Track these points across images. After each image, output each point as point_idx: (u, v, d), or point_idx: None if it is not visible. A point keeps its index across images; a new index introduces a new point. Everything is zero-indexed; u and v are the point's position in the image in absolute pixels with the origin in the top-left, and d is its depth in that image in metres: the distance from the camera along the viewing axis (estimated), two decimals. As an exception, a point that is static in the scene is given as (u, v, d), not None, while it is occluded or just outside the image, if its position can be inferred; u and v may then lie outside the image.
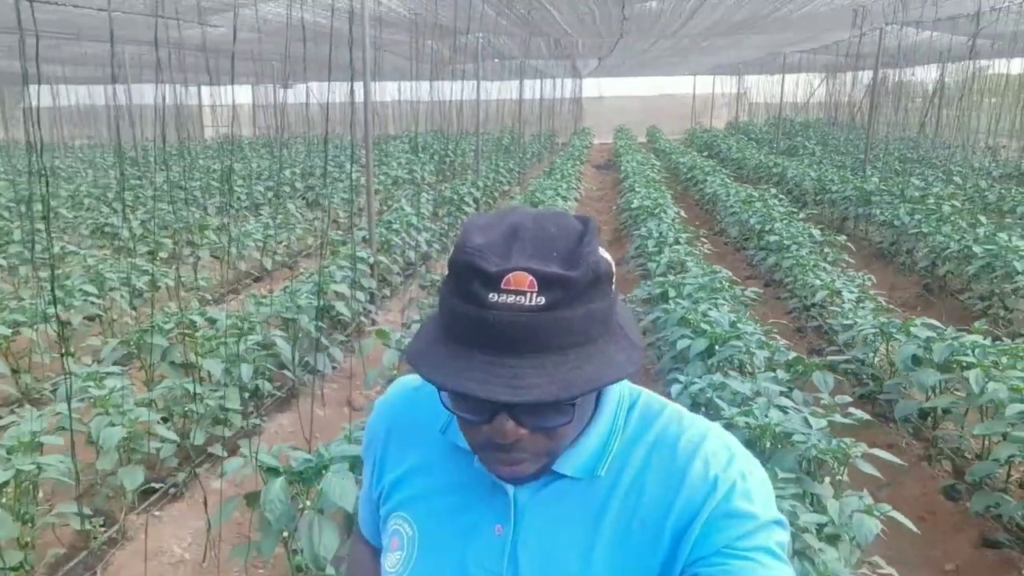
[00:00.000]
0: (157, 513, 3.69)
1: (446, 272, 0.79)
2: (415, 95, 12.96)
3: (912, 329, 4.24)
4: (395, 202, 10.00)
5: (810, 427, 2.68)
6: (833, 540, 2.31)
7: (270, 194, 10.92)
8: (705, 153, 19.82)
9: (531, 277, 0.72)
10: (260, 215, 9.52)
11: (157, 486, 3.70)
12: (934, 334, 4.05)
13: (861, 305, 5.48)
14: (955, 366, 3.79)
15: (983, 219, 7.76)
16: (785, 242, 7.22)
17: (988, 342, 3.87)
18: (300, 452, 2.62)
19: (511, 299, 0.72)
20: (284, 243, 8.32)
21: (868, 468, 2.65)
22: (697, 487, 0.83)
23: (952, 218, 7.93)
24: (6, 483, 2.65)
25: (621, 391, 0.92)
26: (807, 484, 2.51)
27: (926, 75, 18.03)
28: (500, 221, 0.78)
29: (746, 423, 2.64)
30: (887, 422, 4.68)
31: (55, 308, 2.69)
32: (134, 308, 5.80)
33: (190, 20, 7.32)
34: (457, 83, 13.45)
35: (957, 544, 3.57)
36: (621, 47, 14.60)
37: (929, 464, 4.17)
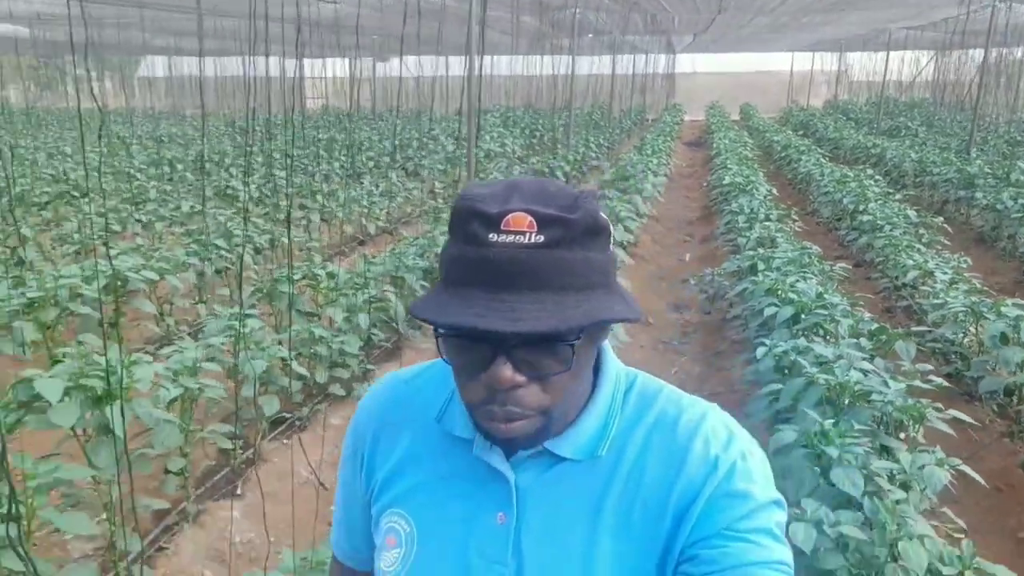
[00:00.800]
0: (286, 441, 4.18)
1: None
2: (510, 69, 13.24)
3: (1003, 308, 4.30)
4: (487, 174, 10.36)
5: (888, 387, 2.87)
6: (905, 487, 2.52)
7: (371, 163, 11.46)
8: (800, 132, 19.39)
9: (530, 217, 0.74)
10: (362, 183, 10.06)
11: (287, 416, 4.18)
12: (1023, 313, 4.11)
13: (954, 286, 5.49)
14: (1044, 345, 3.86)
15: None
16: (878, 222, 7.20)
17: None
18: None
19: (511, 238, 0.74)
20: (385, 209, 8.81)
21: (943, 427, 2.83)
22: (698, 467, 0.83)
23: (1058, 203, 7.70)
24: (175, 399, 3.14)
25: (618, 372, 0.92)
26: (881, 438, 2.72)
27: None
28: (501, 183, 0.81)
29: (825, 380, 2.86)
30: (972, 400, 4.75)
31: (206, 256, 3.14)
32: (255, 264, 6.36)
33: (310, -2, 7.81)
34: (549, 57, 13.64)
35: (1036, 515, 3.67)
36: (718, 23, 14.46)
37: (1011, 440, 4.25)
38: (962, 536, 2.67)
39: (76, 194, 8.02)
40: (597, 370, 0.90)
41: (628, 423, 0.88)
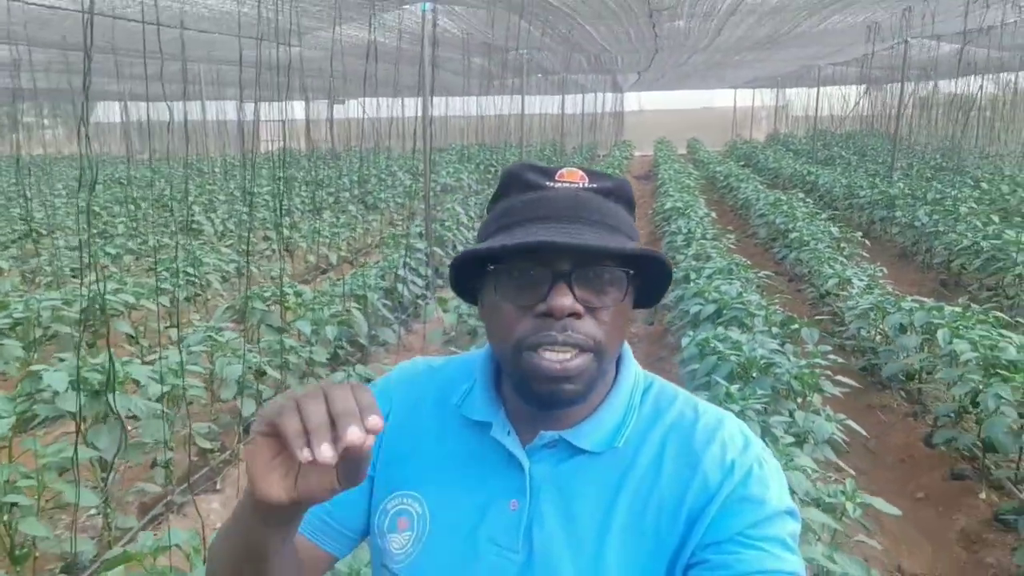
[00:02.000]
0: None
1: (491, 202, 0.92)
2: (463, 109, 13.83)
3: (902, 303, 4.87)
4: (444, 207, 10.84)
5: (788, 361, 3.36)
6: (798, 439, 2.99)
7: (331, 199, 11.86)
8: (743, 164, 20.35)
9: (581, 171, 0.85)
10: (321, 217, 10.44)
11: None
12: (918, 306, 4.68)
13: (869, 291, 6.07)
14: (934, 331, 4.41)
15: (995, 219, 8.26)
16: (805, 238, 7.82)
17: (959, 311, 4.49)
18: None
19: (566, 185, 0.84)
20: (346, 240, 9.19)
21: (834, 390, 3.32)
22: (714, 471, 0.84)
23: (967, 218, 8.44)
24: (163, 395, 3.48)
25: (636, 373, 0.94)
26: (779, 403, 3.20)
27: (966, 87, 18.35)
28: None
29: (735, 356, 3.34)
30: (884, 389, 5.29)
31: (178, 280, 3.49)
32: (222, 291, 6.69)
33: (271, 41, 8.26)
34: (501, 97, 14.26)
35: (930, 479, 4.18)
36: (658, 61, 15.31)
37: (915, 419, 4.78)
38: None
39: (43, 231, 8.25)
40: (618, 367, 0.92)
41: (646, 422, 0.90)
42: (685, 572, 0.82)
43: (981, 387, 3.61)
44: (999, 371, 3.60)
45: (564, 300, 0.79)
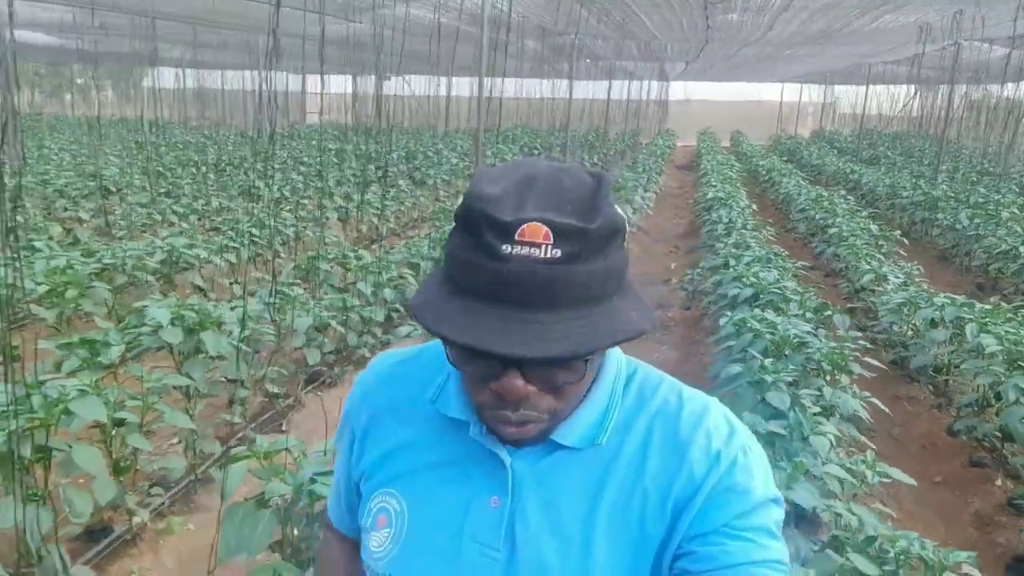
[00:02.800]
0: (319, 394, 4.87)
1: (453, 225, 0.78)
2: (513, 91, 14.06)
3: (934, 300, 5.06)
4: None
5: (820, 341, 3.60)
6: (825, 411, 3.24)
7: (379, 172, 12.22)
8: (786, 159, 20.30)
9: (546, 228, 0.71)
10: (370, 191, 10.80)
11: (322, 371, 4.88)
12: (949, 302, 4.87)
13: (903, 288, 6.24)
14: (963, 326, 4.60)
15: (1036, 223, 8.32)
16: (844, 234, 7.97)
17: (988, 308, 4.67)
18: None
19: (526, 251, 0.70)
20: (394, 213, 9.54)
21: (859, 370, 3.56)
22: (700, 461, 0.83)
23: (1008, 223, 8.50)
24: (244, 337, 3.83)
25: (619, 362, 0.91)
26: (809, 379, 3.45)
27: (1016, 91, 18.09)
28: (512, 171, 0.77)
29: (771, 333, 3.59)
30: (912, 382, 5.49)
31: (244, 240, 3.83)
32: (280, 255, 7.07)
33: (338, 16, 8.59)
34: (551, 81, 14.46)
35: (949, 465, 4.40)
36: (707, 52, 15.37)
37: (939, 411, 4.98)
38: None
39: (113, 188, 8.71)
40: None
41: (629, 413, 0.88)
42: (673, 563, 0.82)
43: (1003, 379, 3.82)
44: (1021, 364, 3.80)
45: (515, 384, 0.76)
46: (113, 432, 3.04)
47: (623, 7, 9.34)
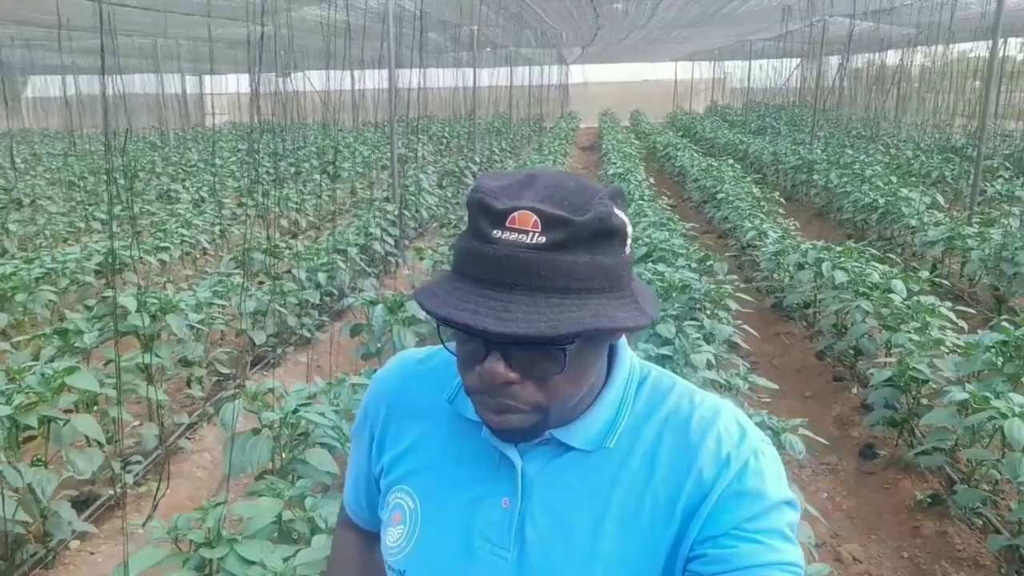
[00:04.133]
0: (264, 374, 5.28)
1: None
2: (417, 83, 14.44)
3: (801, 246, 5.88)
4: (406, 175, 11.57)
5: (700, 283, 4.30)
6: (709, 339, 3.93)
7: (292, 169, 12.47)
8: (682, 134, 21.44)
9: (535, 216, 0.73)
10: (286, 187, 11.06)
11: (267, 351, 5.29)
12: (812, 247, 5.69)
13: (780, 241, 7.10)
14: (821, 265, 5.43)
15: (894, 179, 9.41)
16: (730, 198, 8.84)
17: (841, 249, 5.52)
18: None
19: (513, 236, 0.73)
20: (313, 206, 9.88)
21: (734, 305, 4.28)
22: (710, 465, 0.83)
23: (872, 180, 9.58)
24: (201, 320, 4.23)
25: (632, 366, 0.91)
26: (693, 314, 4.13)
27: (892, 60, 19.74)
28: (519, 173, 0.80)
29: (660, 278, 4.26)
30: (789, 320, 6.33)
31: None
32: (208, 252, 7.37)
33: (240, 20, 8.82)
34: (454, 70, 14.91)
35: (817, 383, 5.22)
36: (600, 37, 16.17)
37: (810, 341, 5.82)
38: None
39: (25, 200, 8.74)
40: (611, 361, 0.90)
41: (640, 417, 0.88)
42: (685, 566, 0.83)
43: (850, 304, 4.62)
44: (863, 292, 4.61)
45: (496, 369, 0.78)
46: (95, 407, 3.44)
47: (517, 1, 9.94)
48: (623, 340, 0.91)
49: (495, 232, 0.74)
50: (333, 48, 9.56)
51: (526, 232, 0.73)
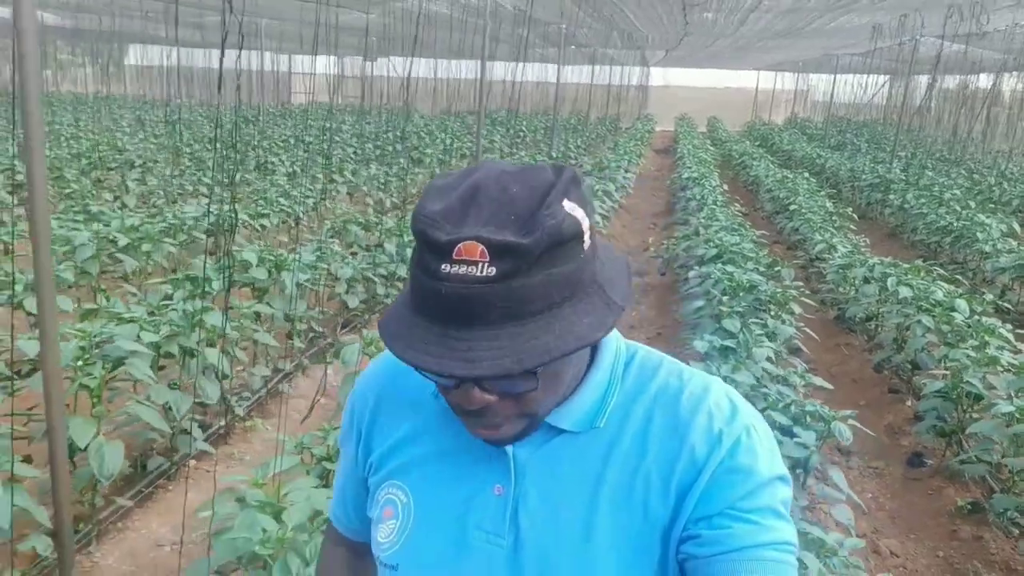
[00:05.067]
0: (354, 336, 5.76)
1: None
2: (501, 75, 14.86)
3: (869, 261, 6.05)
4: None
5: (767, 285, 4.56)
6: (771, 336, 4.19)
7: (377, 151, 13.05)
8: (759, 144, 21.34)
9: (481, 247, 0.70)
10: (370, 168, 11.63)
11: (354, 316, 5.76)
12: (879, 263, 5.86)
13: (848, 256, 7.24)
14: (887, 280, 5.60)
15: (972, 204, 9.37)
16: (802, 211, 8.96)
17: (908, 266, 5.68)
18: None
19: (462, 270, 0.70)
20: (396, 188, 10.40)
21: (798, 309, 4.52)
22: (702, 441, 0.83)
23: (949, 203, 9.55)
24: (308, 279, 4.68)
25: (618, 345, 0.91)
26: (757, 313, 4.40)
27: (983, 83, 19.25)
28: (462, 181, 0.76)
29: (729, 277, 4.54)
30: (851, 332, 6.50)
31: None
32: (299, 221, 7.92)
33: (350, 8, 9.36)
34: (533, 66, 15.22)
35: (872, 393, 5.40)
36: (687, 42, 16.30)
37: (869, 353, 5.99)
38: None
39: (137, 161, 9.48)
40: (596, 342, 0.84)
41: (628, 396, 0.88)
42: (679, 546, 0.83)
43: (911, 319, 4.81)
44: (926, 308, 4.79)
45: (473, 396, 0.78)
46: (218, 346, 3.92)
47: (611, 4, 10.22)
48: None
49: (443, 267, 0.71)
50: (423, 36, 10.00)
51: (474, 263, 0.70)
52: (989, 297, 5.26)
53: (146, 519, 3.42)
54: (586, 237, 0.76)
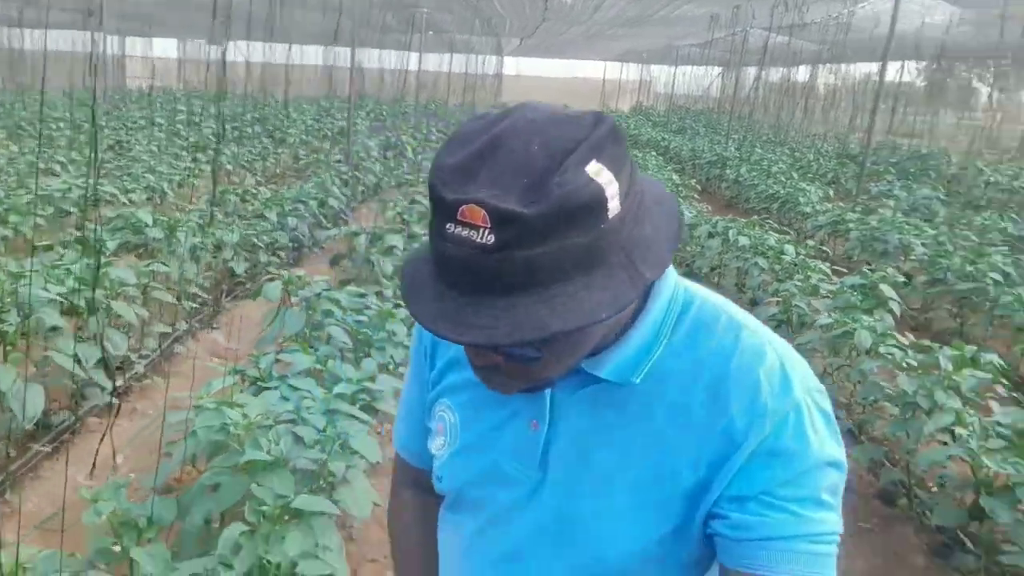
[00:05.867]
0: (239, 304, 5.84)
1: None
2: (360, 62, 14.90)
3: (713, 219, 6.84)
4: (357, 141, 12.12)
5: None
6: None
7: (236, 133, 12.78)
8: (609, 129, 22.49)
9: (483, 212, 0.65)
10: (231, 146, 11.42)
11: (242, 283, 5.84)
12: (720, 219, 6.65)
13: (696, 218, 8.07)
14: (728, 232, 6.39)
15: (795, 175, 10.62)
16: (653, 183, 9.80)
17: (744, 220, 6.50)
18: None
19: (464, 233, 0.66)
20: (260, 168, 10.34)
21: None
22: (742, 415, 0.76)
23: (776, 175, 10.76)
24: (194, 247, 4.76)
25: (675, 290, 0.84)
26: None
27: (802, 76, 21.44)
28: (487, 130, 0.70)
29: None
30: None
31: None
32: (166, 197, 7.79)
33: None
34: (399, 53, 15.39)
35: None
36: (542, 29, 17.01)
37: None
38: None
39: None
40: (649, 287, 0.81)
41: (675, 351, 0.81)
42: (708, 520, 0.79)
43: (748, 260, 5.56)
44: (761, 251, 5.57)
45: (482, 357, 0.77)
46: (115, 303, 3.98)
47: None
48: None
49: (448, 227, 0.67)
50: (276, 17, 9.95)
51: (476, 228, 0.66)
52: (811, 243, 6.15)
53: (59, 467, 3.47)
54: (611, 204, 0.68)
